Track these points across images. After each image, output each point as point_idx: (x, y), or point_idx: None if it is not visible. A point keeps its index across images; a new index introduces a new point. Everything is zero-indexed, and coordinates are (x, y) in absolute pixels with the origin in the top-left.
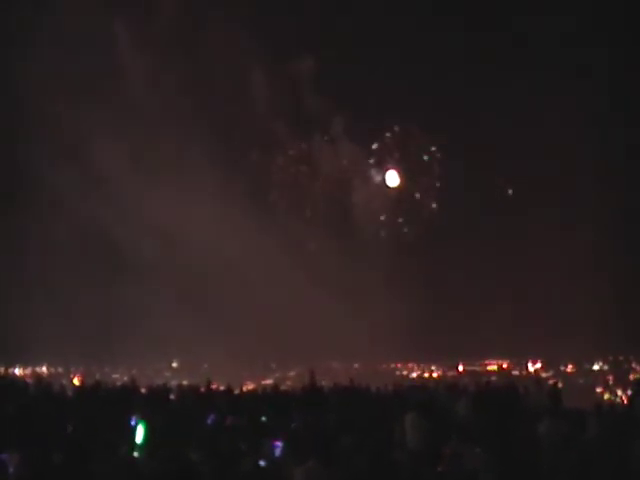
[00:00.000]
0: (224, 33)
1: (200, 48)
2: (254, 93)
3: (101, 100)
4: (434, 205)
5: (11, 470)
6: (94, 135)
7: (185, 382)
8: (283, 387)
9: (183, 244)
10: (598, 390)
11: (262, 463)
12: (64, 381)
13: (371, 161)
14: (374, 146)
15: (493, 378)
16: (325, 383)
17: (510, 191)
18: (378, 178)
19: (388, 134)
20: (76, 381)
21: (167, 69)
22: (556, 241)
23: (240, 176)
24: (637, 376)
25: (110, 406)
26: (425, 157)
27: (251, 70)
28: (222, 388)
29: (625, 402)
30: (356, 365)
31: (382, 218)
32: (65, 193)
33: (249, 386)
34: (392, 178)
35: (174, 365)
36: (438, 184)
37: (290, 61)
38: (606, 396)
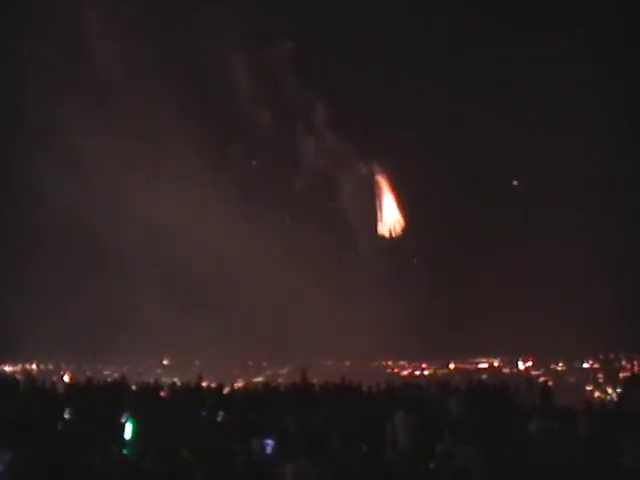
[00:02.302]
0: (204, 18)
1: (180, 35)
2: (234, 80)
3: (78, 89)
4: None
5: (2, 468)
6: (75, 126)
7: (176, 379)
8: (274, 385)
9: (176, 243)
10: (588, 388)
11: (253, 461)
12: (55, 378)
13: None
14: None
15: (484, 376)
16: (316, 381)
17: (515, 182)
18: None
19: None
20: (67, 378)
21: (146, 57)
22: (547, 241)
23: (226, 169)
24: (627, 374)
25: (101, 403)
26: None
27: (231, 56)
28: (213, 385)
29: (615, 400)
30: (347, 363)
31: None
32: (49, 191)
33: (240, 384)
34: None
35: (165, 362)
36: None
37: (269, 47)
38: (596, 394)
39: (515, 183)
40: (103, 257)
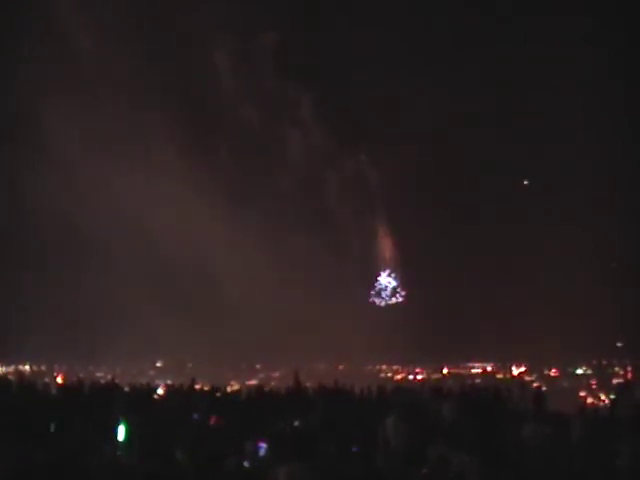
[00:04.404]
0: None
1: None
2: (219, 73)
3: (66, 90)
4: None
5: None
6: (65, 127)
7: (169, 382)
8: (267, 388)
9: (171, 246)
10: (581, 394)
11: (246, 463)
12: (47, 379)
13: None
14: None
15: (477, 381)
16: (310, 384)
17: (526, 182)
18: None
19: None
20: (59, 380)
21: (132, 56)
22: (543, 248)
23: (219, 170)
24: (620, 381)
25: (94, 405)
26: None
27: (215, 49)
28: (206, 388)
29: (608, 406)
30: (341, 366)
31: None
32: (52, 197)
33: (233, 386)
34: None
35: (158, 364)
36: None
37: (254, 37)
38: (589, 400)
39: (525, 182)
40: (97, 259)
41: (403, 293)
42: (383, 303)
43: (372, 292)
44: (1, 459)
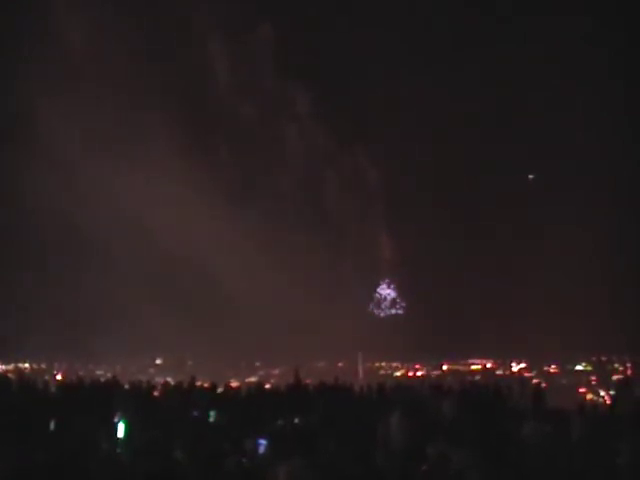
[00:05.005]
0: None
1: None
2: (219, 73)
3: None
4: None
5: None
6: (60, 124)
7: (169, 379)
8: (267, 385)
9: (171, 244)
10: (581, 390)
11: (246, 461)
12: (47, 377)
13: None
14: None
15: (477, 377)
16: (310, 382)
17: (531, 176)
18: None
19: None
20: (59, 377)
21: (131, 56)
22: (542, 244)
23: (219, 175)
24: (620, 377)
25: (94, 403)
26: None
27: (215, 48)
28: (206, 385)
29: (608, 402)
30: (340, 364)
31: None
32: (52, 197)
33: (233, 384)
34: None
35: (158, 362)
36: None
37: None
38: (589, 396)
39: (530, 177)
40: (97, 259)
41: (403, 304)
42: (382, 314)
43: (371, 303)
44: (1, 459)
